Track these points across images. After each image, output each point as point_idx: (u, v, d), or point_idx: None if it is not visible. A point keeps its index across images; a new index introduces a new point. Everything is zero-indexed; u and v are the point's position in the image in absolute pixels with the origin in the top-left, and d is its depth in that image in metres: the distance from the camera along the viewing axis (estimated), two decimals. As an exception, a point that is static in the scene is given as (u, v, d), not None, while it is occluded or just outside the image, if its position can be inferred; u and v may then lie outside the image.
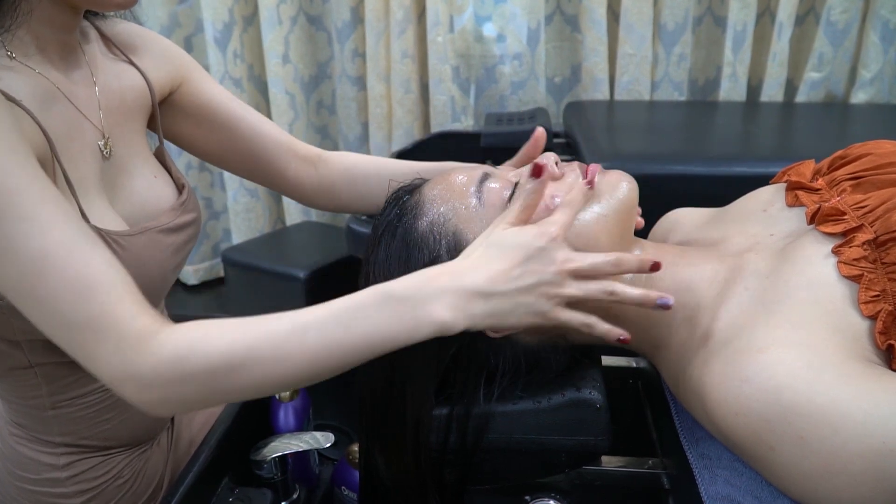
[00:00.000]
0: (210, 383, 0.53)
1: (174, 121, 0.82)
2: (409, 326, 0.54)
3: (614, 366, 0.89)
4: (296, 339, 0.53)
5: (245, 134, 0.83)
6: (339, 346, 0.54)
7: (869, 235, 0.59)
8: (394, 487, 0.69)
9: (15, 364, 0.68)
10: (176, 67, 0.80)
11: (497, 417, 0.66)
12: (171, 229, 0.72)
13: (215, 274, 2.29)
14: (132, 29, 0.77)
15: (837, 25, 1.76)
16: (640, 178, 0.68)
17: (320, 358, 0.54)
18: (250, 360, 0.53)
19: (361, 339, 0.54)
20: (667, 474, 0.74)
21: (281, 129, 0.87)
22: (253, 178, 0.87)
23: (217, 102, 0.83)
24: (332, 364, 0.54)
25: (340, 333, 0.54)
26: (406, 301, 0.54)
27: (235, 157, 0.85)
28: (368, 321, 0.54)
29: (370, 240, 0.69)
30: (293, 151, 0.86)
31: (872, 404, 0.49)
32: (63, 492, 0.73)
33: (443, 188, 0.67)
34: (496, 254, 0.57)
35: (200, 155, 0.85)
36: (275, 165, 0.85)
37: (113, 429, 0.75)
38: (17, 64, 0.61)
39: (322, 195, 0.88)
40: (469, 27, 1.92)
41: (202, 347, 0.53)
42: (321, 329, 0.54)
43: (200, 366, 0.53)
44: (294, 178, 0.86)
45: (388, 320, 0.54)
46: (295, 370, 0.54)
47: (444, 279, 0.55)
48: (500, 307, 0.55)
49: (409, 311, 0.54)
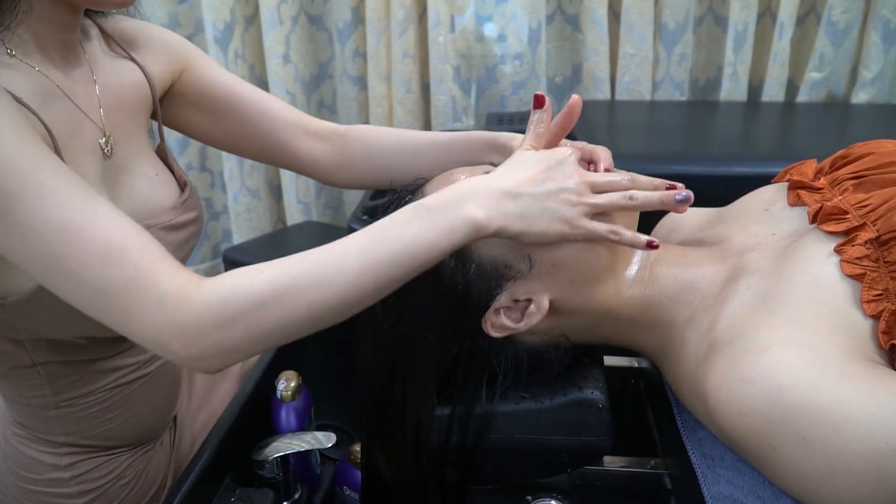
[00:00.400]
0: (257, 319, 0.53)
1: (179, 110, 0.81)
2: (445, 230, 0.55)
3: (616, 366, 0.89)
4: (335, 261, 0.54)
5: (250, 115, 0.82)
6: (379, 262, 0.54)
7: (871, 234, 0.59)
8: (395, 487, 0.69)
9: (18, 363, 0.68)
10: (177, 56, 0.79)
11: (499, 417, 0.66)
12: (173, 227, 0.72)
13: (215, 275, 2.29)
14: (133, 24, 0.77)
15: (838, 25, 1.76)
16: (641, 177, 0.68)
17: (363, 277, 0.54)
18: (294, 287, 0.53)
19: (401, 250, 0.54)
20: (669, 474, 0.74)
21: (289, 107, 0.85)
22: (266, 159, 0.86)
23: (219, 86, 0.81)
24: (375, 282, 0.54)
25: (378, 249, 0.54)
26: (439, 208, 0.56)
27: (244, 140, 0.83)
28: (405, 233, 0.55)
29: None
30: (303, 128, 0.84)
31: (875, 404, 0.49)
32: (66, 492, 0.73)
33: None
34: (519, 166, 0.59)
35: (210, 142, 0.84)
36: (285, 144, 0.84)
37: (116, 428, 0.75)
38: (17, 62, 0.61)
39: (341, 171, 0.86)
40: (470, 27, 1.92)
41: (244, 286, 0.53)
42: (360, 248, 0.54)
43: (245, 303, 0.53)
44: (307, 156, 0.85)
45: (424, 228, 0.55)
46: (338, 293, 0.54)
47: (474, 183, 0.57)
48: (530, 208, 0.57)
49: (442, 215, 0.55)
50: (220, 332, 0.53)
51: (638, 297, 0.66)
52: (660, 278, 0.67)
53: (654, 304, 0.66)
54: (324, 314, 0.55)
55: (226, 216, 2.25)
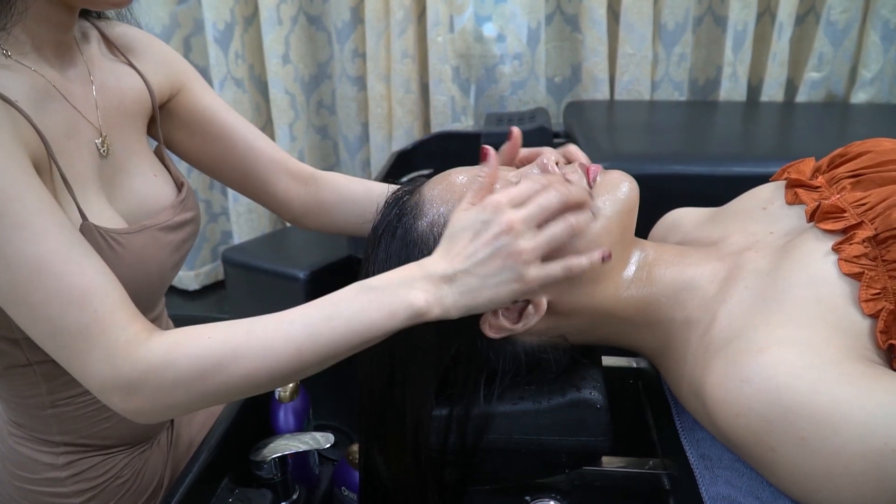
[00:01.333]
0: (198, 385, 0.54)
1: (169, 129, 0.82)
2: (387, 312, 0.56)
3: (615, 366, 0.89)
4: (281, 333, 0.55)
5: (239, 148, 0.83)
6: (322, 336, 0.55)
7: (869, 233, 0.58)
8: (394, 488, 0.69)
9: (14, 362, 0.68)
10: (175, 73, 0.80)
11: (497, 418, 0.66)
12: (171, 227, 0.72)
13: (215, 277, 2.29)
14: (133, 33, 0.78)
15: (838, 25, 1.76)
16: (640, 178, 0.68)
17: (305, 349, 0.55)
18: (237, 355, 0.54)
19: (344, 326, 0.56)
20: (667, 475, 0.74)
21: (275, 146, 0.87)
22: (243, 191, 0.88)
23: (212, 114, 0.82)
24: (318, 354, 0.56)
25: (323, 323, 0.56)
26: (383, 289, 0.57)
27: (227, 170, 0.85)
28: (349, 310, 0.56)
29: (370, 240, 0.69)
30: (286, 169, 0.86)
31: (874, 405, 0.49)
32: (62, 491, 0.73)
33: (443, 188, 0.67)
34: (450, 242, 0.59)
35: (193, 164, 0.85)
36: (266, 182, 0.85)
37: (112, 428, 0.75)
38: (13, 62, 0.61)
39: (311, 214, 0.88)
40: (469, 27, 1.92)
41: (190, 351, 0.54)
42: (305, 321, 0.56)
43: (188, 368, 0.54)
44: (283, 196, 0.86)
45: (367, 307, 0.56)
46: (281, 363, 0.55)
47: (414, 269, 0.58)
48: (468, 285, 0.57)
49: (385, 297, 0.56)
50: (160, 392, 0.54)
51: (636, 298, 0.66)
52: (657, 278, 0.67)
53: (652, 304, 0.66)
54: (263, 383, 0.56)
55: (224, 217, 2.25)
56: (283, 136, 2.02)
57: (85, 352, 0.54)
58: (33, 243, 0.53)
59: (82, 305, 0.54)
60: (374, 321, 0.56)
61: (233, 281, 1.91)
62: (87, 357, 0.54)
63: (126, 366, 0.53)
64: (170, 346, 0.55)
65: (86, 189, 0.65)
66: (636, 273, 0.67)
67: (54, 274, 0.53)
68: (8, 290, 0.54)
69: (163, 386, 0.54)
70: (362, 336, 0.56)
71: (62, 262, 0.54)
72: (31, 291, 0.53)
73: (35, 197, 0.55)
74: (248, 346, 0.55)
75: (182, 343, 0.55)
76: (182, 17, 1.97)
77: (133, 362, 0.54)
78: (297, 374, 0.57)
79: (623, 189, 0.66)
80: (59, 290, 0.53)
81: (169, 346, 0.55)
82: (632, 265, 0.67)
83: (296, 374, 0.56)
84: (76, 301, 0.54)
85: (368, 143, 2.08)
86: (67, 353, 0.55)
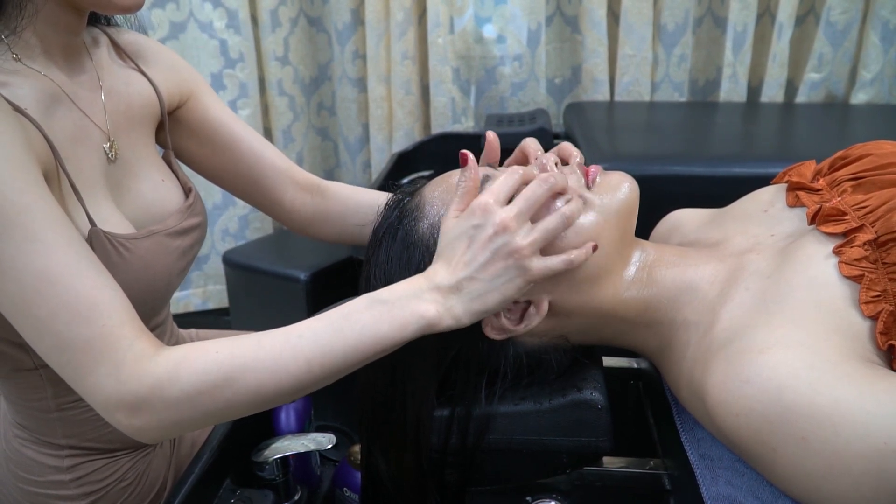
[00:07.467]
0: (205, 398, 0.53)
1: (177, 137, 0.82)
2: (398, 325, 0.56)
3: (615, 367, 0.89)
4: (289, 347, 0.55)
5: (246, 158, 0.83)
6: (332, 350, 0.55)
7: (870, 236, 0.59)
8: (395, 488, 0.69)
9: (20, 366, 0.68)
10: (185, 81, 0.80)
11: (498, 418, 0.66)
12: (178, 232, 0.72)
13: (215, 276, 2.29)
14: (142, 40, 0.78)
15: (837, 26, 1.76)
16: (640, 178, 0.68)
17: (315, 363, 0.55)
18: (245, 369, 0.54)
19: (354, 339, 0.55)
20: (668, 475, 0.74)
21: (283, 156, 0.87)
22: (249, 200, 0.88)
23: (220, 123, 0.83)
24: (327, 368, 0.55)
25: (333, 337, 0.55)
26: (393, 302, 0.56)
27: (234, 179, 0.85)
28: (359, 323, 0.56)
29: (371, 242, 0.69)
30: (292, 179, 0.86)
31: (874, 404, 0.49)
32: (66, 494, 0.73)
33: (443, 190, 0.67)
34: (448, 252, 0.59)
35: (200, 172, 0.86)
36: (273, 191, 0.85)
37: (116, 431, 0.74)
38: (22, 67, 0.61)
39: (316, 224, 0.88)
40: (469, 28, 1.92)
41: (196, 364, 0.54)
42: (314, 335, 0.55)
43: (194, 381, 0.53)
44: (290, 204, 0.87)
45: (377, 320, 0.56)
46: (291, 377, 0.54)
47: (422, 281, 0.58)
48: (475, 291, 0.57)
49: (396, 310, 0.56)
50: (166, 408, 0.53)
51: (637, 299, 0.66)
52: (658, 279, 0.67)
53: (653, 305, 0.66)
54: (271, 398, 0.56)
55: (226, 218, 2.25)
56: (282, 138, 2.03)
57: (91, 366, 0.53)
58: (42, 256, 0.53)
59: (90, 319, 0.53)
60: (385, 334, 0.55)
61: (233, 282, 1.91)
62: (93, 372, 0.53)
63: (132, 381, 0.53)
64: (177, 360, 0.54)
65: (94, 193, 0.65)
66: (637, 274, 0.67)
67: (62, 287, 0.53)
68: (15, 301, 0.54)
69: (168, 401, 0.53)
70: (373, 349, 0.56)
71: (70, 275, 0.53)
72: (38, 304, 0.53)
73: (44, 209, 0.54)
74: (257, 360, 0.54)
75: (189, 358, 0.54)
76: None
77: (139, 377, 0.53)
78: (305, 389, 0.56)
79: (623, 189, 0.66)
80: (66, 304, 0.53)
81: (176, 361, 0.54)
82: (632, 266, 0.67)
83: (304, 388, 0.56)
84: (84, 315, 0.53)
85: (369, 144, 2.08)
86: (73, 368, 0.54)
